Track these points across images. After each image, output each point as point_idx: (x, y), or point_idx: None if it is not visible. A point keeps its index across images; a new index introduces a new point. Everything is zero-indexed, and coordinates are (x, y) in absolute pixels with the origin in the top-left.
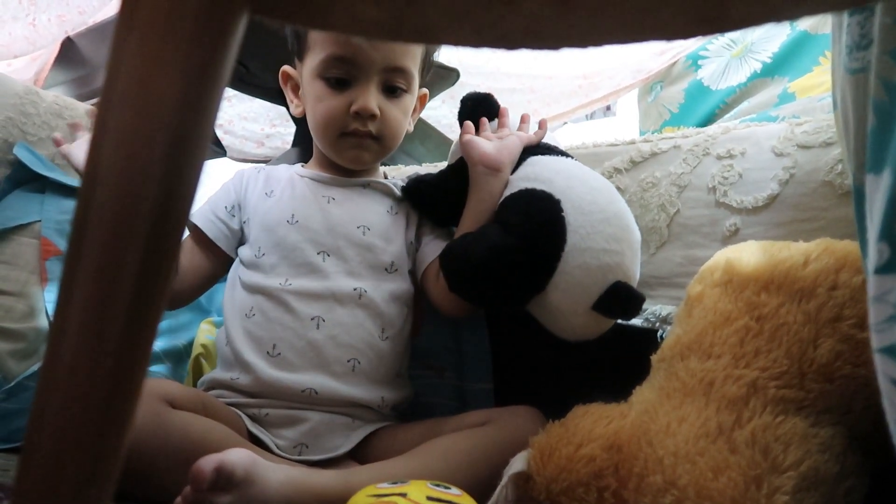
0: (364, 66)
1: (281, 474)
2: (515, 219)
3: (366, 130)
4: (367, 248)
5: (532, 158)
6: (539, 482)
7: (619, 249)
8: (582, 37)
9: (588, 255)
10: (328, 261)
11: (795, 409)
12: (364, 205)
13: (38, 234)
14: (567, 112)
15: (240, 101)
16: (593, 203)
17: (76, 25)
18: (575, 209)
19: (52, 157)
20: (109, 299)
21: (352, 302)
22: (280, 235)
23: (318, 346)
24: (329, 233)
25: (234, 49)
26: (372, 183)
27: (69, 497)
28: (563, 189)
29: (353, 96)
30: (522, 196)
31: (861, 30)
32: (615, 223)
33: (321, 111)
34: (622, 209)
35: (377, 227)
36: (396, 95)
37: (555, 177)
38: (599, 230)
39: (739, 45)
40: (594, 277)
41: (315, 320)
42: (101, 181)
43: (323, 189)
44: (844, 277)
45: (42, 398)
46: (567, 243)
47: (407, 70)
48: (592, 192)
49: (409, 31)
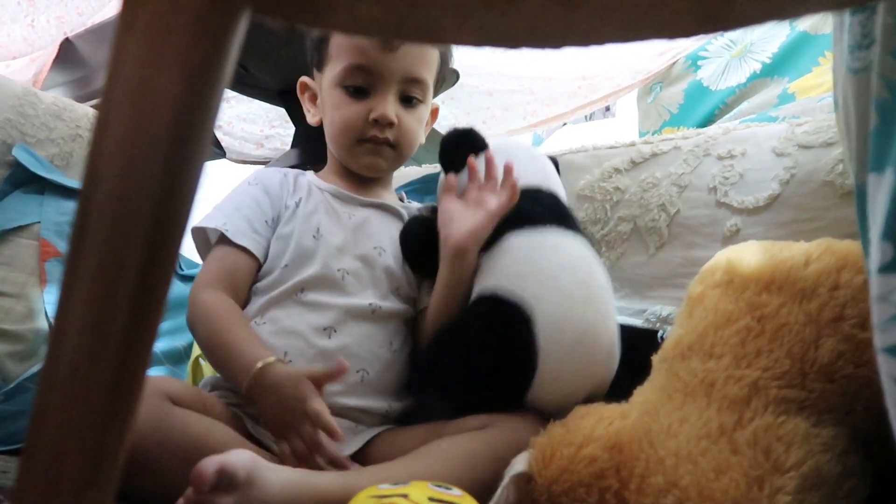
0: (384, 75)
1: (282, 475)
2: (482, 340)
3: (383, 137)
4: (382, 269)
5: (510, 239)
6: (540, 483)
7: (592, 372)
8: (584, 36)
9: (560, 382)
10: (347, 278)
11: (797, 410)
12: (380, 226)
13: (37, 235)
14: (566, 113)
15: (239, 102)
16: (566, 319)
17: (75, 27)
18: (546, 328)
19: (51, 159)
20: (110, 300)
21: (365, 316)
22: (304, 248)
23: (329, 356)
24: (350, 251)
25: (234, 49)
26: (386, 206)
27: (70, 499)
28: (535, 298)
29: (371, 105)
30: (492, 310)
31: (863, 29)
32: (587, 342)
33: (340, 118)
34: (594, 316)
35: (390, 249)
36: (413, 105)
37: (528, 278)
38: (571, 357)
39: (739, 46)
40: (571, 395)
41: (328, 331)
42: (102, 182)
43: (342, 206)
44: (846, 277)
45: (43, 399)
46: (538, 370)
47: (423, 81)
48: (565, 300)
49: (411, 30)
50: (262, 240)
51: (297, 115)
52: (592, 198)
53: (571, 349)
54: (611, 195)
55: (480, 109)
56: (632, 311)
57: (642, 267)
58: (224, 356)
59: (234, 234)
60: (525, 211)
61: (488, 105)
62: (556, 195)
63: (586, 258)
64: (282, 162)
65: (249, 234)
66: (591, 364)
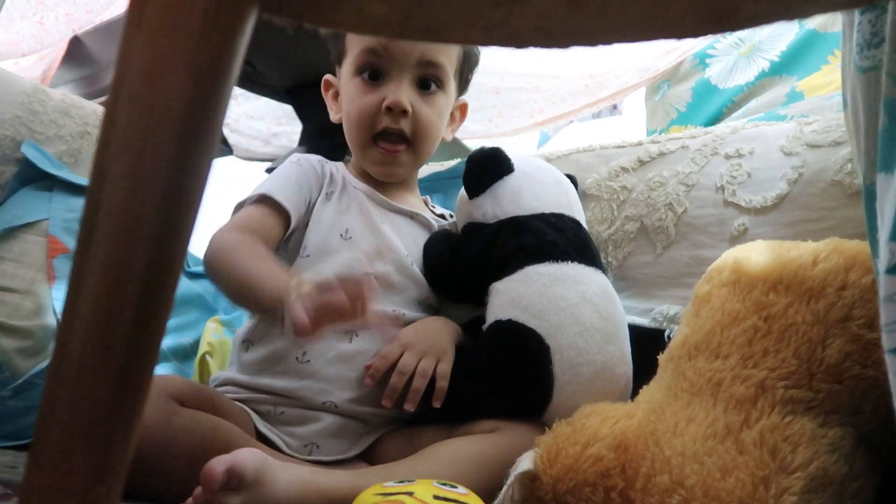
0: (398, 58)
1: (290, 474)
2: (498, 362)
3: (397, 128)
4: (410, 277)
5: (528, 271)
6: (545, 482)
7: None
8: (591, 35)
9: (573, 411)
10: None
11: (804, 410)
12: (410, 236)
13: (45, 232)
14: (573, 111)
15: (246, 99)
16: (584, 352)
17: (83, 24)
18: (563, 360)
19: (60, 156)
20: (118, 296)
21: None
22: (332, 247)
23: (348, 358)
24: (379, 256)
25: (242, 47)
26: (418, 216)
27: (78, 494)
28: (554, 329)
29: (385, 92)
30: (509, 334)
31: (872, 28)
32: (605, 377)
33: (354, 110)
34: (613, 351)
35: (419, 260)
36: (430, 91)
37: (548, 308)
38: (587, 390)
39: (747, 44)
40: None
41: (349, 334)
42: (110, 178)
43: (375, 209)
44: (854, 277)
45: (51, 395)
46: (552, 400)
47: (441, 65)
48: (584, 333)
49: (418, 29)
50: (301, 205)
51: (305, 112)
52: (599, 197)
53: (588, 383)
54: (618, 194)
55: (487, 107)
56: (638, 310)
57: (649, 266)
58: (247, 291)
59: (275, 191)
60: (547, 243)
61: (495, 103)
62: (578, 222)
63: (608, 293)
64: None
65: (291, 196)
66: (605, 400)
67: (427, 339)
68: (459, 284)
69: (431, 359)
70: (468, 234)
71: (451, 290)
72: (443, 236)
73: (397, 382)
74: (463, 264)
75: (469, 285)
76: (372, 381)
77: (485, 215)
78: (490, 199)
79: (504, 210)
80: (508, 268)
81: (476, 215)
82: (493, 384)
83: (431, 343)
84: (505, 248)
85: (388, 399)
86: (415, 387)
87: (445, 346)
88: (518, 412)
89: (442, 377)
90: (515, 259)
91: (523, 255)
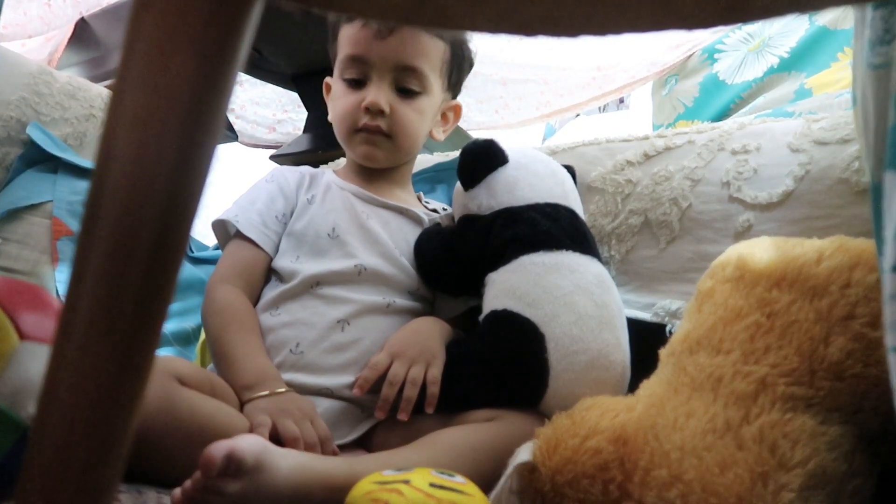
0: (376, 64)
1: (290, 460)
2: (494, 351)
3: (374, 125)
4: (401, 269)
5: (523, 260)
6: (544, 473)
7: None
8: (601, 25)
9: (569, 402)
10: (364, 274)
11: (804, 407)
12: (400, 231)
13: (49, 214)
14: (580, 104)
15: (252, 85)
16: (579, 339)
17: (90, 6)
18: (558, 348)
19: (65, 138)
20: (121, 279)
21: (380, 310)
22: (320, 247)
23: (341, 348)
24: (368, 250)
25: (249, 31)
26: (408, 211)
27: (79, 476)
28: (549, 318)
29: (366, 94)
30: (504, 323)
31: (885, 24)
32: (601, 365)
33: (339, 108)
34: (609, 339)
35: (408, 254)
36: (410, 96)
37: (542, 297)
38: (583, 378)
39: (756, 40)
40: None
41: (341, 323)
42: (115, 161)
43: (362, 205)
44: (858, 275)
45: (53, 377)
46: (548, 388)
47: (419, 70)
48: (579, 321)
49: (427, 16)
50: (271, 234)
51: (310, 99)
52: (604, 190)
53: (584, 371)
54: (622, 188)
55: (493, 99)
56: (640, 304)
57: (652, 261)
58: (228, 363)
59: (244, 226)
60: (541, 232)
61: (501, 94)
62: (573, 211)
63: (603, 282)
64: (294, 147)
65: (259, 227)
66: (602, 388)
67: (416, 345)
68: (456, 277)
69: (421, 366)
70: (463, 225)
71: (448, 283)
72: (434, 232)
73: (388, 393)
74: (458, 257)
75: (465, 277)
76: (360, 392)
77: (480, 207)
78: (485, 191)
79: (499, 201)
80: (503, 258)
81: (471, 207)
82: (490, 374)
83: (420, 348)
84: (499, 239)
85: (380, 411)
86: (406, 396)
87: (435, 349)
88: (515, 401)
89: (432, 383)
90: (510, 249)
91: (518, 245)
